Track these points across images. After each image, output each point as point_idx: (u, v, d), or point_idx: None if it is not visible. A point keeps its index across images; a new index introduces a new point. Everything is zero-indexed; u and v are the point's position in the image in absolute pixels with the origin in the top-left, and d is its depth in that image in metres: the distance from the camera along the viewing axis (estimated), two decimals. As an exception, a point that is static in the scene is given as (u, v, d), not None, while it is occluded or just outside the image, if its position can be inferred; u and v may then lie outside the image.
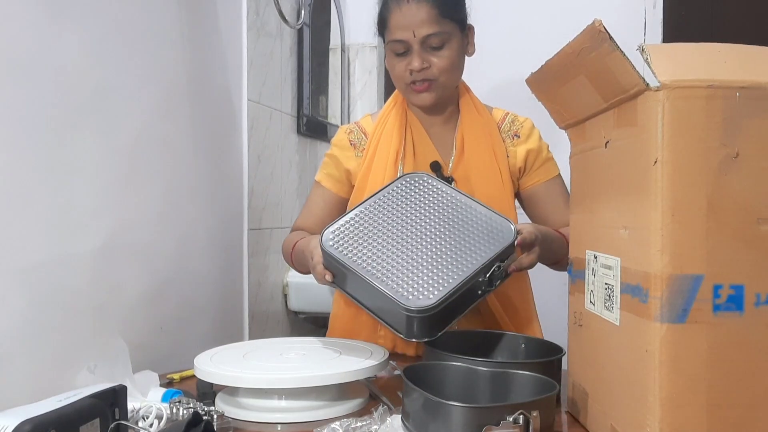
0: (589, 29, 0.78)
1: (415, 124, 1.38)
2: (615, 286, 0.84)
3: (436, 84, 1.29)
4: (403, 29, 1.25)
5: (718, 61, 0.76)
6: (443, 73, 1.28)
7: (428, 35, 1.25)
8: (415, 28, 1.24)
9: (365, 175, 1.37)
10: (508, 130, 1.39)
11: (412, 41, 1.25)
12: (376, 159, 1.36)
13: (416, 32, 1.24)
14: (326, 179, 1.43)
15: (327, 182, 1.43)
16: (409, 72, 1.28)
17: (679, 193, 0.74)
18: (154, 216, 1.33)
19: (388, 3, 1.29)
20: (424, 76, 1.28)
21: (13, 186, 0.97)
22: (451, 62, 1.28)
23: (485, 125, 1.38)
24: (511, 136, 1.39)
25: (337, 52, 2.42)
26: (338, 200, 1.42)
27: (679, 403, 0.74)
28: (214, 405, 1.00)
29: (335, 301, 1.45)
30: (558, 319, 1.21)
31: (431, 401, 0.84)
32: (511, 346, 1.18)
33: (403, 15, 1.25)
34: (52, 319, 1.03)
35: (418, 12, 1.24)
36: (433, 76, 1.28)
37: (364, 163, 1.38)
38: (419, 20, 1.24)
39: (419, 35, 1.24)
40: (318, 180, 1.45)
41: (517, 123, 1.40)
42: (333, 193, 1.42)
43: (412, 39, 1.25)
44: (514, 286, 1.34)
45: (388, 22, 1.28)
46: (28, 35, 1.00)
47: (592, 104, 0.89)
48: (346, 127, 1.45)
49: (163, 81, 1.36)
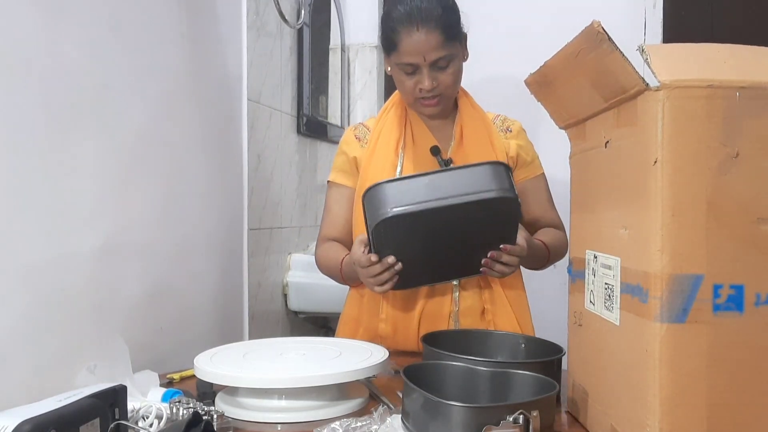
0: (587, 30, 0.78)
1: (415, 118, 1.45)
2: (615, 286, 0.84)
3: (442, 97, 1.38)
4: (413, 55, 1.32)
5: (718, 61, 0.76)
6: (449, 87, 1.37)
7: (437, 59, 1.32)
8: (425, 54, 1.31)
9: (368, 163, 1.43)
10: (500, 125, 1.48)
11: (422, 64, 1.32)
12: (378, 147, 1.43)
13: (426, 57, 1.31)
14: (339, 176, 1.47)
15: (341, 179, 1.47)
16: (418, 90, 1.35)
17: (679, 193, 0.74)
18: (154, 216, 1.33)
19: (396, 27, 1.32)
20: (432, 94, 1.36)
21: (13, 186, 0.97)
22: (455, 77, 1.37)
23: (482, 119, 1.46)
24: (504, 130, 1.47)
25: (337, 52, 2.42)
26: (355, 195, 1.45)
27: (679, 403, 0.74)
28: (214, 405, 0.99)
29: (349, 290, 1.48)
30: (556, 319, 1.21)
31: (431, 401, 0.84)
32: (511, 346, 1.18)
33: (414, 42, 1.31)
34: (52, 319, 1.03)
35: (428, 40, 1.30)
36: (440, 92, 1.36)
37: (367, 152, 1.44)
38: (429, 47, 1.30)
39: (429, 60, 1.31)
40: (332, 180, 1.49)
41: (508, 121, 1.50)
42: (348, 188, 1.46)
43: (422, 63, 1.32)
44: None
45: (398, 45, 1.33)
46: (28, 35, 1.00)
47: (592, 104, 0.89)
48: (352, 127, 1.53)
49: (163, 81, 1.36)
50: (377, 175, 1.38)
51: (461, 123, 1.44)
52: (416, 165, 1.39)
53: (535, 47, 1.20)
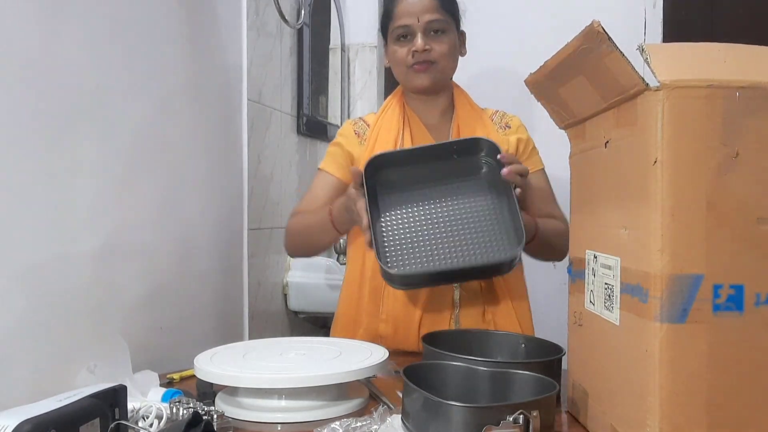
0: (587, 30, 0.78)
1: (413, 117, 1.46)
2: (615, 286, 0.84)
3: (435, 67, 1.40)
4: (408, 16, 1.38)
5: (718, 61, 0.76)
6: (442, 57, 1.40)
7: (430, 21, 1.38)
8: (419, 15, 1.38)
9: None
10: (499, 122, 1.49)
11: (415, 26, 1.38)
12: (376, 147, 1.43)
13: (420, 18, 1.38)
14: (331, 165, 1.47)
15: (332, 168, 1.47)
16: (411, 54, 1.39)
17: (679, 193, 0.74)
18: (154, 216, 1.33)
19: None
20: (425, 58, 1.39)
21: (13, 186, 0.97)
22: (449, 48, 1.40)
23: (479, 117, 1.47)
24: (503, 127, 1.48)
25: (337, 52, 2.41)
26: (342, 186, 1.45)
27: (679, 403, 0.74)
28: (214, 405, 1.00)
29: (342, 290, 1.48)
30: (556, 319, 1.21)
31: (431, 401, 0.84)
32: (511, 346, 1.18)
33: (408, 4, 1.39)
34: (52, 319, 1.03)
35: (422, 1, 1.38)
36: (433, 59, 1.39)
37: (365, 152, 1.43)
38: (423, 8, 1.38)
39: (422, 20, 1.38)
40: (322, 167, 1.49)
41: (506, 117, 1.50)
42: (337, 178, 1.46)
43: (416, 24, 1.38)
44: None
45: (393, 12, 1.40)
46: (28, 35, 1.00)
47: (592, 104, 0.89)
48: (351, 120, 1.54)
49: (162, 81, 1.36)
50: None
51: (458, 122, 1.44)
52: None
53: (535, 47, 1.21)
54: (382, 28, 1.48)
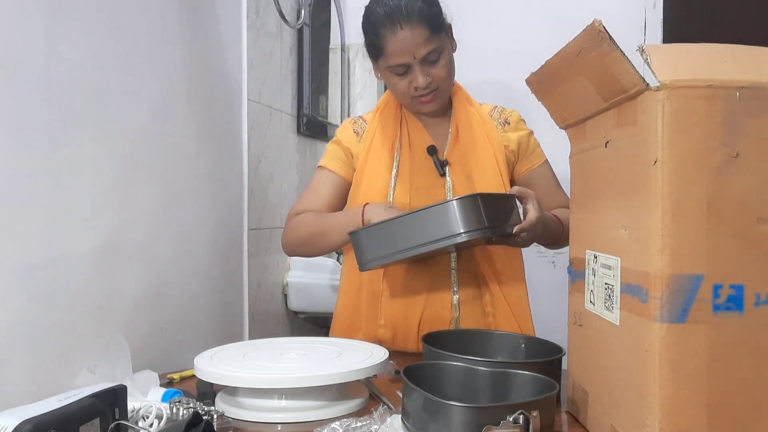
0: (588, 29, 0.78)
1: (411, 117, 1.44)
2: (615, 286, 0.84)
3: (438, 92, 1.36)
4: (402, 54, 1.29)
5: (717, 61, 0.76)
6: (444, 81, 1.35)
7: (427, 54, 1.29)
8: (413, 51, 1.28)
9: (363, 164, 1.41)
10: (498, 118, 1.46)
11: (412, 62, 1.30)
12: (373, 148, 1.41)
13: (416, 54, 1.29)
14: (332, 162, 1.45)
15: (333, 165, 1.45)
16: (413, 89, 1.33)
17: (679, 193, 0.74)
18: (154, 216, 1.33)
19: (379, 31, 1.30)
20: (428, 90, 1.33)
21: (13, 186, 0.97)
22: (448, 69, 1.35)
23: (478, 115, 1.44)
24: (502, 124, 1.45)
25: (337, 52, 2.41)
26: (344, 183, 1.44)
27: (679, 403, 0.74)
28: (214, 405, 1.00)
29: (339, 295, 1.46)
30: (556, 319, 1.21)
31: (431, 401, 0.84)
32: (511, 346, 1.18)
33: (400, 41, 1.28)
34: (52, 319, 1.03)
35: (413, 36, 1.28)
36: (435, 87, 1.34)
37: (362, 152, 1.42)
38: (416, 43, 1.28)
39: (419, 56, 1.29)
40: (323, 165, 1.46)
41: (506, 112, 1.47)
42: (339, 175, 1.44)
43: (413, 60, 1.30)
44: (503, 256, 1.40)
45: (384, 48, 1.30)
46: (28, 35, 1.00)
47: (592, 104, 0.89)
48: (351, 119, 1.51)
49: (162, 81, 1.36)
50: (372, 179, 1.38)
51: (457, 120, 1.42)
52: (412, 166, 1.38)
53: (536, 47, 1.20)
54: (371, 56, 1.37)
